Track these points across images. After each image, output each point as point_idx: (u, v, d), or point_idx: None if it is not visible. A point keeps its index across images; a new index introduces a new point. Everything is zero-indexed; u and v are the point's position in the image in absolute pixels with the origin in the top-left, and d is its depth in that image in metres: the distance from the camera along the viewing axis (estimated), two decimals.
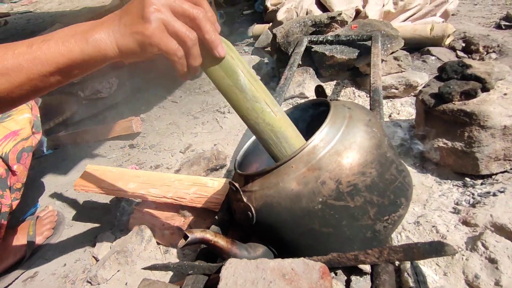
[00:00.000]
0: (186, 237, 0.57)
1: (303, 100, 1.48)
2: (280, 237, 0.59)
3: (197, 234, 0.57)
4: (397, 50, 1.50)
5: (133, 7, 0.46)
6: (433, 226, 0.91)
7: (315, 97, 0.77)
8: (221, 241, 0.59)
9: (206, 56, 0.51)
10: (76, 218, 1.34)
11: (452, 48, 1.92)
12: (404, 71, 1.50)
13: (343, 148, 0.56)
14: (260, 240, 0.64)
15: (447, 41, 1.91)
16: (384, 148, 0.60)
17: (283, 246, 0.61)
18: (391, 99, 1.49)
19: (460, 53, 1.88)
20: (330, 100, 0.67)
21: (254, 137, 0.79)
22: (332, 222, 0.56)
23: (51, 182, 1.59)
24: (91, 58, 0.47)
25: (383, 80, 1.46)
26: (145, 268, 0.63)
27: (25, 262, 1.19)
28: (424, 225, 0.93)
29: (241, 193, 0.61)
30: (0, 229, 1.06)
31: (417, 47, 1.93)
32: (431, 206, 1.01)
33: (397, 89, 1.45)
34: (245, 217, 0.61)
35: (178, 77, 0.51)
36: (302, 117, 0.74)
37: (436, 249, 0.53)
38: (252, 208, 0.60)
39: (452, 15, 2.39)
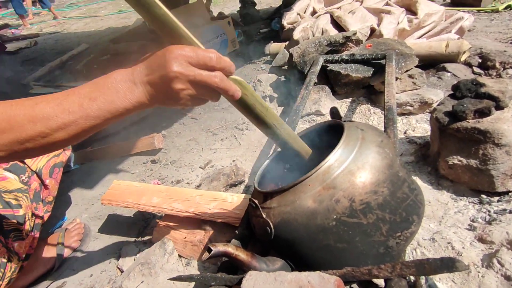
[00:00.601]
0: (209, 250, 0.61)
1: (319, 117, 1.53)
2: (297, 251, 0.63)
3: (220, 247, 0.61)
4: (411, 68, 1.53)
5: (162, 86, 0.54)
6: (449, 243, 0.93)
7: (330, 117, 0.81)
8: (242, 255, 0.63)
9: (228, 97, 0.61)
10: (101, 230, 1.41)
11: (468, 64, 1.92)
12: (419, 89, 1.52)
13: (356, 168, 0.60)
14: (278, 254, 0.67)
15: (463, 58, 1.92)
16: (396, 167, 0.63)
17: (300, 260, 0.64)
18: (406, 116, 1.51)
19: (477, 69, 1.88)
20: (344, 121, 0.71)
21: (272, 156, 0.84)
22: (346, 238, 0.59)
23: (78, 195, 1.67)
24: (130, 112, 0.57)
25: (398, 97, 1.49)
26: (171, 279, 0.67)
27: (54, 272, 1.26)
28: (439, 241, 0.94)
29: (260, 209, 0.65)
30: (33, 240, 1.13)
31: (432, 63, 1.94)
32: (446, 222, 1.02)
33: (412, 106, 1.47)
34: (264, 232, 0.65)
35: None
36: (317, 138, 0.78)
37: (448, 265, 0.55)
38: (271, 224, 0.64)
39: (468, 31, 2.40)
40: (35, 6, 8.34)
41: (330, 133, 0.75)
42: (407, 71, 1.52)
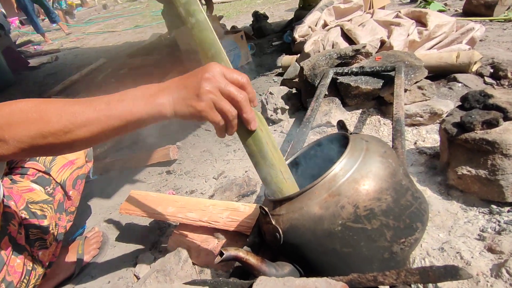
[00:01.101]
0: (221, 254, 0.65)
1: (329, 129, 1.56)
2: (305, 256, 0.66)
3: (231, 252, 0.65)
4: (421, 80, 1.55)
5: (191, 83, 0.58)
6: (458, 253, 0.94)
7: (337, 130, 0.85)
8: (252, 259, 0.66)
9: (241, 126, 0.63)
10: (119, 239, 1.46)
11: (480, 74, 1.93)
12: (428, 100, 1.54)
13: (360, 177, 0.63)
14: (287, 259, 0.71)
15: (474, 68, 1.93)
16: (399, 176, 0.66)
17: (308, 264, 0.67)
18: (416, 127, 1.53)
19: (488, 79, 1.89)
20: (350, 133, 0.75)
21: None
22: (351, 243, 0.62)
23: (97, 205, 1.74)
24: (153, 118, 0.59)
25: (408, 108, 1.51)
26: (186, 283, 0.71)
27: (74, 278, 1.32)
28: (448, 251, 0.95)
29: (270, 216, 0.69)
30: (56, 248, 1.19)
31: (443, 74, 1.96)
32: (456, 232, 1.03)
33: (422, 117, 1.49)
34: (273, 238, 0.69)
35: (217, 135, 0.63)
36: (325, 149, 0.81)
37: (451, 273, 0.58)
38: (280, 230, 0.67)
39: (480, 40, 2.41)
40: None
41: (337, 145, 0.78)
42: (416, 82, 1.54)
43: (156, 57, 3.60)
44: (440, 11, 3.29)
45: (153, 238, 1.37)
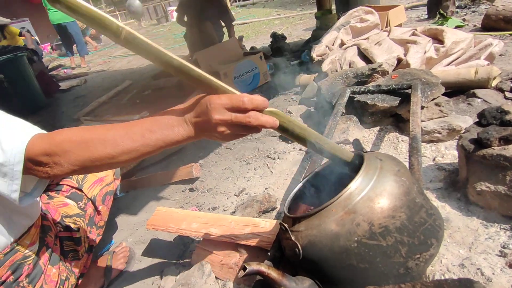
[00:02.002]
0: (245, 268, 0.69)
1: (347, 146, 1.59)
2: (323, 271, 0.70)
3: (254, 266, 0.69)
4: (438, 97, 1.57)
5: (208, 128, 0.65)
6: (478, 269, 0.94)
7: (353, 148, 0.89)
8: (274, 273, 0.70)
9: None
10: (145, 254, 1.52)
11: (499, 89, 1.93)
12: (446, 116, 1.55)
13: (374, 195, 0.67)
14: (307, 274, 0.74)
15: (494, 83, 1.92)
16: (413, 194, 0.69)
17: (326, 279, 0.70)
18: (435, 143, 1.54)
19: (509, 94, 1.88)
20: (365, 152, 0.79)
21: (300, 184, 0.92)
22: (367, 259, 0.65)
23: (124, 221, 1.81)
24: (179, 143, 0.69)
25: (426, 125, 1.53)
26: None
27: None
28: (469, 267, 0.96)
29: (290, 232, 0.73)
30: (87, 260, 1.26)
31: (462, 90, 1.96)
32: (477, 249, 1.03)
33: (440, 133, 1.50)
34: (293, 253, 0.72)
35: None
36: (341, 167, 0.85)
37: (466, 285, 0.60)
38: (299, 246, 0.71)
39: (500, 55, 2.40)
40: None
41: (352, 163, 0.82)
42: (433, 99, 1.56)
43: (178, 79, 3.74)
44: (458, 26, 3.30)
45: (178, 253, 1.43)
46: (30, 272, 0.98)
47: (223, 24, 4.10)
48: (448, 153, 1.47)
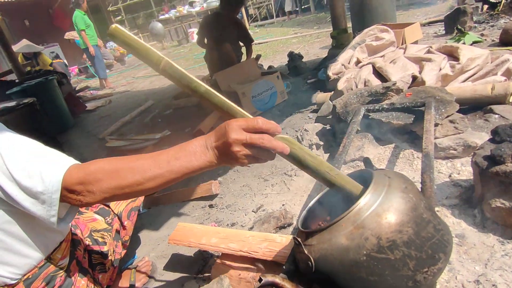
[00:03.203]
0: (260, 280, 0.74)
1: (362, 163, 1.62)
2: (335, 283, 0.73)
3: (269, 278, 0.74)
4: (452, 114, 1.59)
5: (225, 149, 0.71)
6: (494, 285, 0.95)
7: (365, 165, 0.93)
8: (288, 285, 0.74)
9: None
10: (166, 268, 1.58)
11: None
12: (461, 132, 1.56)
13: (382, 211, 0.71)
14: (319, 286, 0.78)
15: (511, 99, 1.92)
16: (420, 210, 0.72)
17: None
18: (450, 160, 1.55)
19: None
20: (375, 170, 0.83)
21: (314, 200, 0.97)
22: (376, 272, 0.68)
23: (146, 236, 1.89)
24: (202, 169, 0.75)
25: (441, 142, 1.54)
26: None
27: None
28: (484, 284, 0.96)
29: (303, 246, 0.77)
30: (112, 273, 1.33)
31: (479, 106, 1.96)
32: (492, 265, 1.03)
33: (455, 150, 1.52)
34: (306, 266, 0.77)
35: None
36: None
37: None
38: (312, 259, 0.75)
39: None
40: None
41: (362, 180, 0.86)
42: (447, 116, 1.58)
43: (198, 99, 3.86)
44: (476, 42, 3.29)
45: (198, 268, 1.48)
46: (62, 284, 1.05)
47: (241, 44, 4.24)
48: (464, 170, 1.47)
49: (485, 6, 4.60)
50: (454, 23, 4.03)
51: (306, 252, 0.76)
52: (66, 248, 1.09)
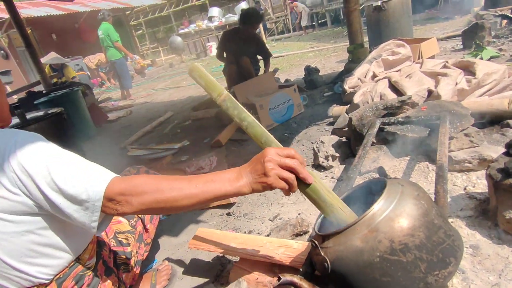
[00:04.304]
0: (279, 279, 0.79)
1: (378, 175, 1.65)
2: (350, 284, 0.78)
3: (288, 277, 0.79)
4: (467, 127, 1.61)
5: (258, 167, 0.80)
6: None
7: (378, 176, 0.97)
8: (305, 284, 0.79)
9: (300, 183, 0.83)
10: (185, 272, 1.64)
11: None
12: (477, 146, 1.58)
13: (395, 215, 0.75)
14: (335, 287, 0.82)
15: None
16: (431, 216, 0.77)
17: None
18: (466, 173, 1.57)
19: None
20: (388, 178, 0.88)
21: None
22: (389, 273, 0.73)
23: (166, 242, 1.95)
24: (235, 194, 0.83)
25: (456, 155, 1.57)
26: None
27: None
28: None
29: (320, 248, 0.82)
30: (135, 273, 1.39)
31: (496, 120, 1.98)
32: (507, 276, 1.05)
33: (470, 163, 1.54)
34: (322, 267, 0.81)
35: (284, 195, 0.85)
36: (366, 191, 0.94)
37: None
38: (328, 260, 0.80)
39: None
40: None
41: (377, 188, 0.91)
42: (463, 130, 1.60)
43: (217, 110, 3.97)
44: (494, 57, 3.30)
45: (216, 272, 1.53)
46: (90, 282, 1.11)
47: (259, 58, 4.36)
48: (479, 183, 1.49)
49: (504, 21, 4.59)
50: (472, 38, 4.04)
51: (322, 254, 0.81)
52: (93, 249, 1.16)
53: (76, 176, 0.85)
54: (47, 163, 0.85)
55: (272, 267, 1.26)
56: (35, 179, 0.84)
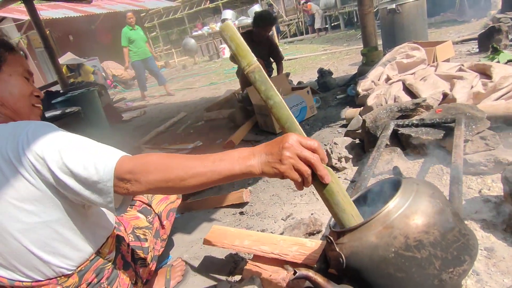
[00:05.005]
0: (295, 273, 0.81)
1: (390, 176, 1.66)
2: (364, 279, 0.79)
3: (303, 271, 0.81)
4: (483, 130, 1.61)
5: (275, 151, 0.75)
6: None
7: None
8: (320, 279, 0.81)
9: (316, 180, 0.78)
10: (199, 268, 1.67)
11: None
12: (492, 149, 1.58)
13: (410, 213, 0.77)
14: (349, 283, 0.84)
15: None
16: (446, 214, 0.78)
17: (367, 286, 0.80)
18: (481, 176, 1.56)
19: None
20: (404, 178, 0.89)
21: None
22: (403, 268, 0.74)
23: (180, 239, 1.99)
24: (245, 174, 0.79)
25: (471, 158, 1.56)
26: None
27: None
28: None
29: (335, 244, 0.84)
30: (151, 268, 1.43)
31: None
32: None
33: (486, 166, 1.53)
34: (337, 263, 0.83)
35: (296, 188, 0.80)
36: (382, 190, 0.96)
37: None
38: (343, 256, 0.82)
39: None
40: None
41: (392, 187, 0.92)
42: (478, 133, 1.60)
43: (229, 111, 4.01)
44: (511, 60, 3.26)
45: (229, 269, 1.56)
46: (109, 275, 1.15)
47: (272, 60, 4.38)
48: (495, 186, 1.49)
49: None
50: (488, 41, 3.99)
51: (337, 249, 0.83)
52: (112, 243, 1.20)
53: (86, 159, 0.85)
54: (59, 149, 0.85)
55: (286, 264, 1.27)
56: (49, 164, 0.85)
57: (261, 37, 4.04)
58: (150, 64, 7.19)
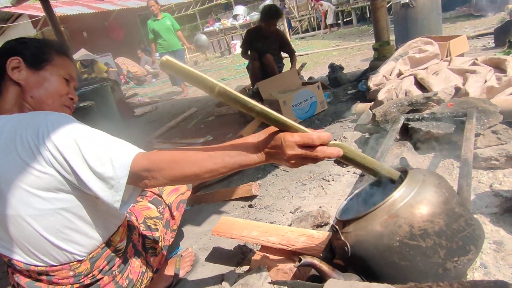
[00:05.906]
0: (300, 260, 0.83)
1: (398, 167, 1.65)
2: (369, 267, 0.80)
3: (308, 259, 0.82)
4: (495, 124, 1.58)
5: (279, 157, 0.77)
6: None
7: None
8: (325, 267, 0.82)
9: None
10: (208, 259, 1.69)
11: None
12: (505, 144, 1.55)
13: (415, 202, 0.77)
14: (354, 271, 0.85)
15: None
16: (451, 204, 0.78)
17: (372, 275, 0.80)
18: (492, 170, 1.54)
19: None
20: (411, 169, 0.89)
21: (352, 195, 1.04)
22: (408, 257, 0.75)
23: (189, 231, 2.02)
24: (251, 165, 0.82)
25: (482, 152, 1.55)
26: (270, 283, 0.89)
27: None
28: None
29: (340, 233, 0.85)
30: (162, 257, 1.46)
31: None
32: None
33: (497, 160, 1.51)
34: (343, 251, 0.84)
35: None
36: (388, 180, 0.96)
37: (500, 287, 0.67)
38: (348, 244, 0.83)
39: None
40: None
41: (399, 179, 0.92)
42: (490, 127, 1.58)
43: None
44: None
45: (237, 260, 1.58)
46: (120, 264, 1.18)
47: (284, 55, 4.38)
48: (506, 180, 1.47)
49: None
50: (505, 36, 3.91)
51: (343, 238, 0.84)
52: (123, 232, 1.23)
53: (104, 153, 0.88)
54: (78, 141, 0.88)
55: (293, 255, 1.29)
56: (66, 156, 0.88)
57: (269, 31, 4.03)
58: (177, 58, 7.02)
